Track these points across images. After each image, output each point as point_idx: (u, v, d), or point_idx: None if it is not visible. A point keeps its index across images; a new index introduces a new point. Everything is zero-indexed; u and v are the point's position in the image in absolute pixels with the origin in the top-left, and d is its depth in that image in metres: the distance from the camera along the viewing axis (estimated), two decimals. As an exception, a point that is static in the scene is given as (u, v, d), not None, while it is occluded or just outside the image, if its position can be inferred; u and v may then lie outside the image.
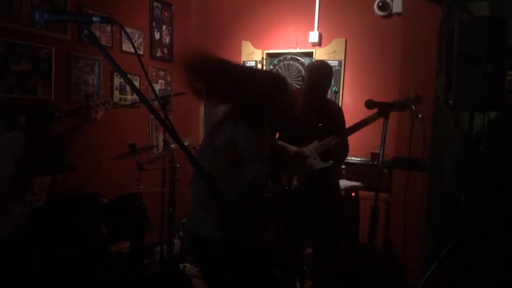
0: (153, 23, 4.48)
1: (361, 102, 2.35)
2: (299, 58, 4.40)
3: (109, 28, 3.96)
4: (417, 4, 3.65)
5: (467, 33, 2.70)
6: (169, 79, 4.72)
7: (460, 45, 2.72)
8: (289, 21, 4.46)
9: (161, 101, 3.38)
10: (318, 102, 2.84)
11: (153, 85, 4.41)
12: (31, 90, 3.33)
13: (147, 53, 4.43)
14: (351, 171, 3.99)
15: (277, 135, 2.90)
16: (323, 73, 2.78)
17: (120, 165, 3.53)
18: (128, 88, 4.14)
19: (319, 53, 4.29)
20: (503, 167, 2.92)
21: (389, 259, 3.73)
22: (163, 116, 1.21)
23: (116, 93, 4.08)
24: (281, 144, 2.79)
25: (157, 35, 4.54)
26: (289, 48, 4.45)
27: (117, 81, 4.07)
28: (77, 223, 2.78)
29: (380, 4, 3.95)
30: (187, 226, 2.09)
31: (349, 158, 4.04)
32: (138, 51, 4.28)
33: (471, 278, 2.79)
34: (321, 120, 2.79)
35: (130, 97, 4.20)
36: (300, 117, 2.83)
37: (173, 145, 3.39)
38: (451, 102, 2.78)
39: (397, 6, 3.89)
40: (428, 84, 3.49)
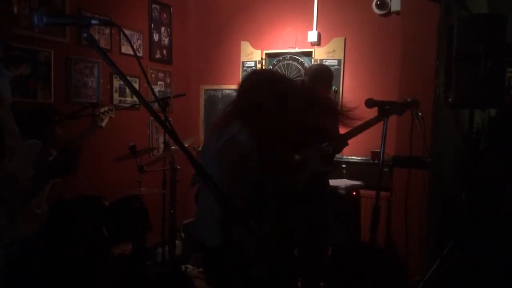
0: (152, 25, 4.48)
1: (361, 101, 2.34)
2: (299, 57, 4.40)
3: (108, 30, 3.96)
4: (416, 2, 3.65)
5: (466, 31, 2.71)
6: (168, 80, 4.72)
7: (459, 43, 2.72)
8: (288, 21, 4.46)
9: (161, 103, 3.38)
10: None
11: (152, 86, 4.41)
12: (30, 93, 3.33)
13: (146, 55, 4.43)
14: (351, 170, 3.99)
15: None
16: (325, 78, 2.83)
17: (120, 167, 3.53)
18: (127, 90, 4.14)
19: (318, 53, 4.29)
20: (503, 165, 2.92)
21: (391, 258, 3.73)
22: (163, 117, 1.20)
23: (115, 95, 4.08)
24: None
25: (156, 37, 4.54)
26: (288, 48, 4.45)
27: (116, 83, 4.06)
28: (78, 225, 2.79)
29: (378, 2, 3.95)
30: (193, 233, 2.08)
31: (349, 157, 4.05)
32: (137, 53, 4.28)
33: (473, 276, 2.79)
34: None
35: (129, 99, 4.20)
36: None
37: (173, 147, 3.40)
38: (451, 100, 2.79)
39: (395, 4, 3.89)
40: (427, 82, 3.49)
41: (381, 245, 3.73)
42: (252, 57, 4.61)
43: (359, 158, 4.03)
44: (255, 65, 4.56)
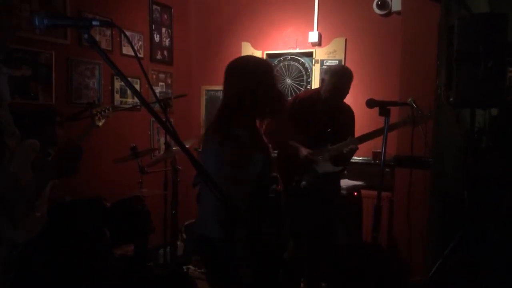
0: (153, 26, 4.49)
1: (362, 101, 2.34)
2: (299, 58, 4.40)
3: (109, 31, 3.96)
4: (416, 2, 3.65)
5: (467, 31, 2.70)
6: (169, 81, 4.72)
7: (460, 43, 2.72)
8: (289, 22, 4.46)
9: (162, 104, 3.37)
10: (336, 106, 2.90)
11: (153, 87, 4.41)
12: (31, 95, 3.33)
13: (147, 56, 4.43)
14: (353, 170, 3.97)
15: (292, 135, 2.96)
16: (346, 79, 2.89)
17: (122, 169, 3.54)
18: (128, 91, 4.14)
19: (319, 53, 4.29)
20: (504, 165, 2.91)
21: (393, 258, 3.72)
22: (164, 118, 1.21)
23: (117, 97, 4.08)
24: (294, 145, 2.84)
25: (156, 38, 4.55)
26: (289, 48, 4.45)
27: (117, 84, 4.07)
28: (80, 226, 2.79)
29: (379, 3, 3.96)
30: (195, 229, 2.07)
31: (350, 157, 4.05)
32: (138, 54, 4.29)
33: (475, 276, 2.78)
34: (334, 123, 2.86)
35: (130, 100, 4.21)
36: (315, 119, 2.90)
37: (174, 148, 3.39)
38: (452, 99, 2.78)
39: (396, 4, 3.89)
40: (428, 82, 3.49)
41: (383, 245, 3.72)
42: (252, 57, 4.60)
43: (360, 158, 4.02)
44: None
